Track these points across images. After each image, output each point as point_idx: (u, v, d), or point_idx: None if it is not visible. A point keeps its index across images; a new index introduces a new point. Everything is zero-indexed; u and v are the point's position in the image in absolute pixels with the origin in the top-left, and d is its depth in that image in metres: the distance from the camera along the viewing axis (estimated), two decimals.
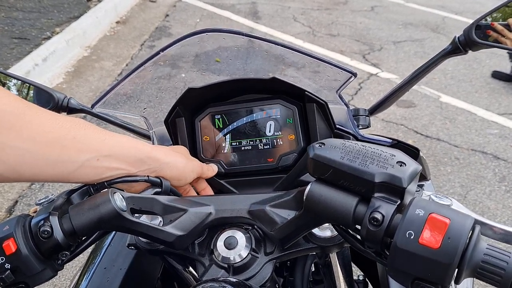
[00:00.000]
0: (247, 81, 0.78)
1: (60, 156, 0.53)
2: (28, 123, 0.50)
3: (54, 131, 0.52)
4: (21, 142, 0.50)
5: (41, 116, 0.52)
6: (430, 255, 0.41)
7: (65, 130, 0.53)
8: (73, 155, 0.54)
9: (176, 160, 0.64)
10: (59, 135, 0.53)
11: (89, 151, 0.55)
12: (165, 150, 0.64)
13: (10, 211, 2.42)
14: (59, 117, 0.54)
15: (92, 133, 0.56)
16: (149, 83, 0.85)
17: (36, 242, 0.53)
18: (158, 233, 0.56)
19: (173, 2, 6.00)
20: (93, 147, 0.55)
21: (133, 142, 0.60)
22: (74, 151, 0.54)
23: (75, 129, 0.54)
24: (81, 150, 0.54)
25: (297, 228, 0.55)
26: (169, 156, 0.63)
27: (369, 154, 0.48)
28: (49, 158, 0.52)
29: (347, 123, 0.77)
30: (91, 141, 0.55)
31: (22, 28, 4.41)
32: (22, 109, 0.50)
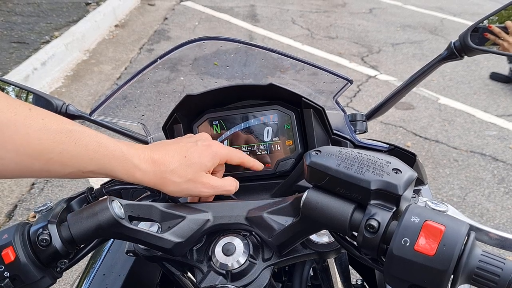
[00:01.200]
0: (245, 88, 0.79)
1: (44, 167, 0.52)
2: (14, 133, 0.49)
3: (40, 144, 0.50)
4: (5, 152, 0.49)
5: (28, 126, 0.50)
6: (425, 262, 0.42)
7: (52, 143, 0.51)
8: (58, 168, 0.52)
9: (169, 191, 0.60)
10: (45, 148, 0.51)
11: (74, 166, 0.53)
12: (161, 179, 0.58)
13: (9, 216, 2.42)
14: (51, 128, 0.51)
15: (82, 150, 0.53)
16: (148, 87, 0.86)
17: (35, 250, 0.53)
18: (157, 240, 0.56)
19: (172, 5, 6.01)
20: (78, 163, 0.53)
21: (126, 166, 0.56)
22: (59, 165, 0.52)
23: (65, 143, 0.52)
24: (65, 164, 0.52)
25: (294, 234, 0.55)
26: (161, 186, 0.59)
27: (365, 161, 0.48)
28: (33, 168, 0.51)
29: (344, 129, 0.77)
30: (78, 157, 0.53)
31: (21, 33, 4.42)
32: (9, 119, 0.49)
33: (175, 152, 0.60)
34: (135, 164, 0.56)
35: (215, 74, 0.86)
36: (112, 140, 0.56)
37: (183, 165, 0.59)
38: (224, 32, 5.12)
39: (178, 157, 0.59)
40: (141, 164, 0.56)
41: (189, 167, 0.59)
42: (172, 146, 0.61)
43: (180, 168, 0.59)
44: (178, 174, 0.59)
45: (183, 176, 0.59)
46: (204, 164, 0.61)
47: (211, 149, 0.62)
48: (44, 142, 0.50)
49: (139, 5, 5.95)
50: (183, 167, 0.59)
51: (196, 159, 0.60)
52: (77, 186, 2.65)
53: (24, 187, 2.63)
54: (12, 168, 0.50)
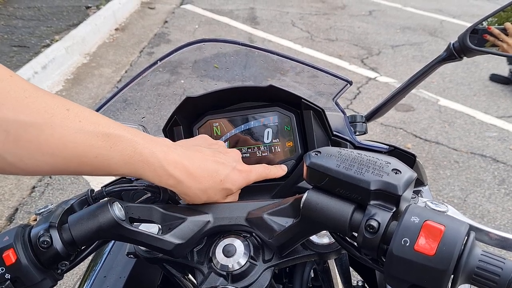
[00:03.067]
0: (245, 89, 0.79)
1: (77, 169, 0.52)
2: (50, 136, 0.48)
3: (76, 147, 0.50)
4: (40, 155, 0.49)
5: (65, 129, 0.49)
6: (425, 262, 0.42)
7: (88, 147, 0.51)
8: (90, 170, 0.53)
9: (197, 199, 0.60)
10: (80, 152, 0.50)
11: (105, 171, 0.53)
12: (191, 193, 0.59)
13: (10, 219, 2.42)
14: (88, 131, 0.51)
15: (118, 155, 0.52)
16: (148, 89, 0.86)
17: (35, 252, 0.53)
18: (157, 242, 0.56)
19: (172, 8, 6.02)
20: (111, 168, 0.53)
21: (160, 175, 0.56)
22: (92, 168, 0.52)
23: (100, 147, 0.51)
24: (98, 168, 0.53)
25: (294, 235, 0.55)
26: (187, 195, 0.60)
27: (364, 162, 0.48)
28: (65, 169, 0.52)
29: (344, 130, 0.77)
30: (112, 162, 0.52)
31: (22, 36, 4.43)
32: (46, 120, 0.48)
33: (213, 170, 0.60)
34: (170, 173, 0.56)
35: (215, 77, 0.87)
36: (148, 142, 0.55)
37: (216, 188, 0.60)
38: (224, 35, 5.13)
39: (214, 179, 0.60)
40: (176, 174, 0.56)
41: (221, 191, 0.61)
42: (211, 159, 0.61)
43: (212, 190, 0.60)
44: (208, 195, 0.60)
45: (211, 197, 0.61)
46: (232, 190, 0.63)
47: (243, 176, 0.64)
48: (80, 146, 0.50)
49: (139, 9, 5.97)
50: (215, 190, 0.60)
51: (230, 185, 0.61)
52: (78, 189, 2.65)
53: (24, 190, 2.63)
54: (46, 169, 0.51)
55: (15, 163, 0.49)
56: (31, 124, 0.47)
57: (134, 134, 0.54)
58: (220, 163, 0.62)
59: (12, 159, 0.48)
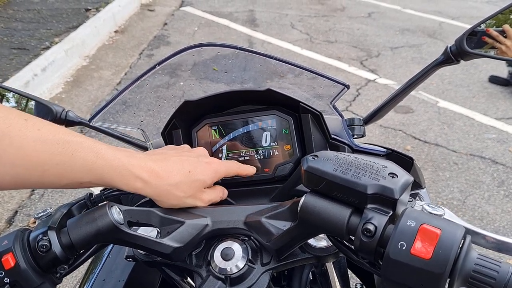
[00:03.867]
0: (243, 93, 0.79)
1: (40, 179, 0.51)
2: (8, 146, 0.48)
3: (37, 156, 0.49)
4: (1, 166, 0.48)
5: (23, 138, 0.49)
6: (422, 266, 0.42)
7: (49, 155, 0.50)
8: (53, 180, 0.52)
9: (171, 204, 0.60)
10: (41, 160, 0.50)
11: (70, 178, 0.52)
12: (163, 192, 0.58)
13: (10, 222, 2.42)
14: (47, 139, 0.50)
15: (80, 161, 0.52)
16: (148, 92, 0.86)
17: (34, 256, 0.53)
18: (156, 245, 0.57)
19: (171, 11, 6.03)
20: (75, 175, 0.52)
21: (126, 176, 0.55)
22: (55, 176, 0.51)
23: (61, 154, 0.51)
24: (62, 176, 0.52)
25: (292, 239, 0.55)
26: (162, 199, 0.59)
27: (361, 166, 0.49)
28: (29, 180, 0.51)
29: (342, 133, 0.77)
30: (75, 168, 0.52)
31: (21, 39, 4.44)
32: (4, 131, 0.48)
33: (179, 166, 0.60)
34: (136, 175, 0.55)
35: (214, 80, 0.87)
36: (111, 149, 0.55)
37: (187, 181, 0.60)
38: (224, 37, 5.14)
39: (182, 172, 0.59)
40: (142, 175, 0.56)
41: (193, 183, 0.60)
42: (174, 159, 0.61)
43: (183, 184, 0.59)
44: (181, 189, 0.59)
45: (186, 192, 0.60)
46: (205, 182, 0.62)
47: (212, 167, 0.63)
48: (40, 154, 0.50)
49: (138, 11, 5.98)
50: (186, 183, 0.60)
51: (200, 175, 0.61)
52: (77, 192, 2.65)
53: (24, 193, 2.64)
54: (7, 180, 0.50)
55: None
56: None
57: (95, 141, 0.54)
58: (184, 158, 0.62)
59: None
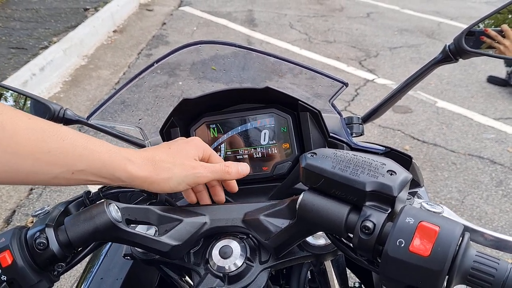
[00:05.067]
0: (241, 91, 0.79)
1: (32, 168, 0.52)
2: (1, 132, 0.49)
3: (28, 144, 0.50)
4: None
5: (16, 126, 0.50)
6: (420, 263, 0.42)
7: (40, 142, 0.51)
8: (45, 168, 0.52)
9: (163, 179, 0.60)
10: (33, 148, 0.51)
11: (62, 166, 0.53)
12: (151, 167, 0.59)
13: (8, 221, 2.42)
14: (39, 129, 0.52)
15: (71, 147, 0.53)
16: (146, 91, 0.86)
17: (32, 254, 0.53)
18: (154, 243, 0.57)
19: (170, 10, 6.03)
20: (66, 162, 0.53)
21: (116, 159, 0.56)
22: (46, 165, 0.52)
23: (53, 141, 0.52)
24: (54, 163, 0.52)
25: (291, 236, 0.55)
26: (154, 175, 0.59)
27: (360, 163, 0.49)
28: (21, 169, 0.51)
29: (340, 132, 0.77)
30: (66, 155, 0.53)
31: (20, 38, 4.43)
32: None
33: (160, 147, 0.63)
34: (126, 157, 0.57)
35: (213, 78, 0.87)
36: (96, 139, 0.57)
37: (169, 154, 0.61)
38: (222, 37, 5.13)
39: (162, 149, 0.62)
40: (131, 157, 0.57)
41: (176, 154, 0.62)
42: (161, 144, 0.65)
43: (167, 155, 0.61)
44: (167, 161, 0.60)
45: (171, 162, 0.60)
46: (188, 151, 0.63)
47: (191, 141, 0.65)
48: (32, 141, 0.51)
49: (137, 11, 5.97)
50: (170, 155, 0.61)
51: (180, 148, 0.63)
52: (76, 190, 2.65)
53: (22, 192, 2.63)
54: (0, 169, 0.50)
55: None
56: None
57: (84, 134, 0.56)
58: (168, 143, 0.65)
59: None
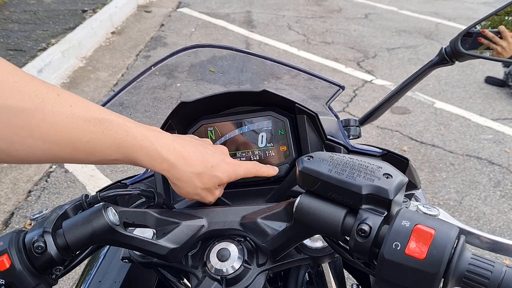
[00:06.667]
0: (238, 94, 0.79)
1: (70, 155, 0.52)
2: (41, 121, 0.48)
3: (68, 132, 0.50)
4: (32, 140, 0.49)
5: (56, 114, 0.49)
6: (416, 266, 0.42)
7: (80, 132, 0.51)
8: (84, 156, 0.52)
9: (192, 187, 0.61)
10: (72, 137, 0.50)
11: (99, 155, 0.53)
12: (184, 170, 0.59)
13: (6, 224, 2.42)
14: (79, 116, 0.51)
15: (110, 138, 0.52)
16: (145, 93, 0.86)
17: (30, 258, 0.53)
18: (151, 247, 0.57)
19: (168, 12, 6.03)
20: (104, 152, 0.53)
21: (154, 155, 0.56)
22: (85, 153, 0.52)
23: (93, 132, 0.51)
24: (91, 153, 0.52)
25: (288, 239, 0.55)
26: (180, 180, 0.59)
27: (356, 167, 0.49)
28: (59, 155, 0.51)
29: (337, 134, 0.78)
30: (104, 147, 0.52)
31: (18, 40, 4.43)
32: (37, 105, 0.48)
33: (204, 157, 0.61)
34: (164, 157, 0.56)
35: (211, 81, 0.87)
36: (140, 127, 0.56)
37: (208, 174, 0.61)
38: (221, 38, 5.14)
39: (205, 164, 0.61)
40: (169, 157, 0.57)
41: (212, 178, 0.62)
42: (200, 148, 0.62)
43: (204, 176, 0.61)
44: (201, 180, 0.61)
45: (204, 184, 0.61)
46: (222, 180, 0.63)
47: (232, 168, 0.65)
48: (72, 131, 0.50)
49: (135, 12, 5.97)
50: (207, 176, 0.61)
51: (220, 173, 0.62)
52: (74, 192, 2.65)
53: (20, 194, 2.63)
54: (38, 155, 0.50)
55: (7, 149, 0.49)
56: (22, 110, 0.47)
57: (125, 119, 0.55)
58: (209, 152, 0.63)
59: (3, 145, 0.48)
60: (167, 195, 0.77)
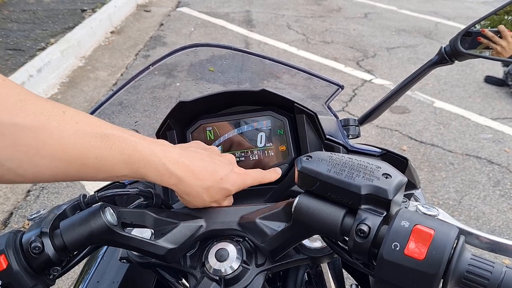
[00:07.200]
0: (237, 94, 0.79)
1: (78, 172, 0.51)
2: (48, 138, 0.48)
3: (76, 149, 0.50)
4: (40, 158, 0.48)
5: (63, 131, 0.49)
6: (415, 266, 0.42)
7: (87, 149, 0.50)
8: (92, 172, 0.52)
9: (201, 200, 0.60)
10: (80, 153, 0.50)
11: (108, 171, 0.53)
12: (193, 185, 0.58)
13: (5, 223, 2.41)
14: (86, 132, 0.50)
15: (118, 153, 0.52)
16: (144, 93, 0.86)
17: (27, 258, 0.53)
18: (150, 247, 0.56)
19: (168, 11, 6.03)
20: (113, 168, 0.53)
21: (162, 170, 0.55)
22: (93, 170, 0.52)
23: (100, 148, 0.51)
24: (100, 169, 0.52)
25: (286, 239, 0.55)
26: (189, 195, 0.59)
27: (355, 167, 0.49)
28: (67, 173, 0.51)
29: (337, 134, 0.77)
30: (112, 162, 0.52)
31: (17, 40, 4.42)
32: (43, 123, 0.48)
33: (212, 170, 0.60)
34: (172, 172, 0.56)
35: (211, 80, 0.87)
36: (147, 142, 0.55)
37: (217, 187, 0.61)
38: (220, 38, 5.13)
39: (214, 177, 0.60)
40: (178, 172, 0.56)
41: (221, 190, 0.61)
42: (208, 160, 0.62)
43: (213, 189, 0.60)
44: (210, 194, 0.60)
45: (213, 197, 0.61)
46: (231, 191, 0.63)
47: (241, 178, 0.64)
48: (79, 147, 0.50)
49: (134, 12, 5.97)
50: (216, 189, 0.61)
51: (229, 185, 0.62)
52: (73, 192, 2.65)
53: (19, 194, 2.62)
54: (47, 174, 0.50)
55: (14, 168, 0.48)
56: (28, 128, 0.47)
57: (132, 135, 0.54)
58: (218, 163, 0.62)
59: (11, 164, 0.48)
60: (165, 195, 0.76)
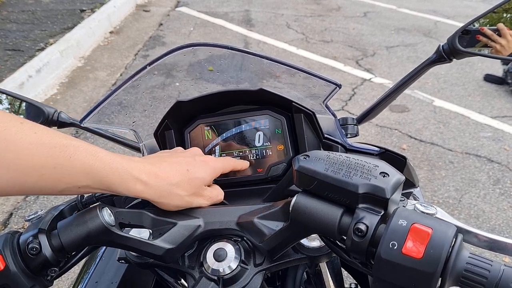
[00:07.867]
0: (235, 93, 0.79)
1: (37, 183, 0.50)
2: (4, 150, 0.47)
3: (33, 159, 0.48)
4: None
5: (19, 142, 0.48)
6: (413, 265, 0.42)
7: (45, 158, 0.49)
8: (51, 184, 0.50)
9: (177, 197, 0.59)
10: (38, 163, 0.49)
11: (67, 182, 0.51)
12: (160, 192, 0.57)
13: (5, 224, 2.41)
14: (44, 142, 0.49)
15: (78, 163, 0.51)
16: (143, 92, 0.86)
17: (24, 259, 0.53)
18: (148, 247, 0.56)
19: (167, 11, 6.02)
20: (72, 178, 0.51)
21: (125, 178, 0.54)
22: (52, 180, 0.50)
23: (59, 157, 0.49)
24: (60, 180, 0.50)
25: (285, 239, 0.55)
26: (162, 197, 0.58)
27: (353, 166, 0.49)
28: (25, 185, 0.49)
29: (335, 133, 0.77)
30: (72, 172, 0.50)
31: (16, 40, 4.42)
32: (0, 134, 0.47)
33: (177, 166, 0.60)
34: (136, 177, 0.54)
35: (210, 79, 0.87)
36: (109, 153, 0.54)
37: (186, 179, 0.59)
38: (219, 37, 5.13)
39: (180, 171, 0.59)
40: (141, 176, 0.55)
41: (192, 181, 0.60)
42: (171, 160, 0.61)
43: (184, 182, 0.59)
44: (183, 188, 0.59)
45: (187, 190, 0.59)
46: (205, 179, 0.62)
47: (209, 164, 0.64)
48: (37, 157, 0.48)
49: (134, 12, 5.97)
50: (186, 181, 0.59)
51: (198, 173, 0.61)
52: None
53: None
54: (3, 185, 0.48)
55: None
56: None
57: (93, 147, 0.53)
58: (180, 159, 0.62)
59: None
60: None
